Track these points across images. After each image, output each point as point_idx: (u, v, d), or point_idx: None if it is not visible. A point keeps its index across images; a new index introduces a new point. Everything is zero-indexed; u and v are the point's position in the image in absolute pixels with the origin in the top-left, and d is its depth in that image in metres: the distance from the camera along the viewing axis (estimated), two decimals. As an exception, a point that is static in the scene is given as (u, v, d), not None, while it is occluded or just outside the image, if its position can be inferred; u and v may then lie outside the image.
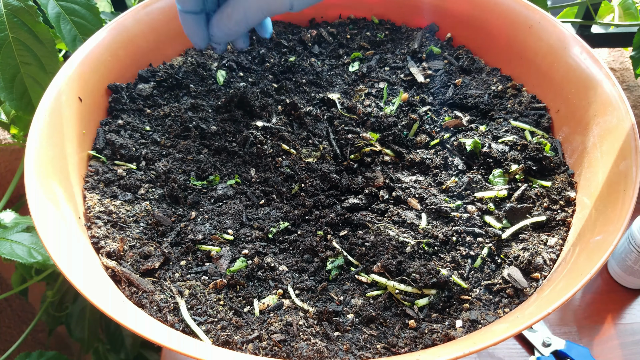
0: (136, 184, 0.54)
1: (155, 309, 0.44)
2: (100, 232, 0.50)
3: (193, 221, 0.52)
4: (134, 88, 0.63)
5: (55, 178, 0.50)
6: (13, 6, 0.65)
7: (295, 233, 0.52)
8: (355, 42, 0.72)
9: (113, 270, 0.47)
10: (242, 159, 0.59)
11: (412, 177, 0.56)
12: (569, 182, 0.54)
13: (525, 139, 0.58)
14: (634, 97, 0.92)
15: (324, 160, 0.59)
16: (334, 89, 0.67)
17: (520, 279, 0.47)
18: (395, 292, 0.46)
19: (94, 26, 0.70)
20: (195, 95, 0.65)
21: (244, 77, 0.69)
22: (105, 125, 0.59)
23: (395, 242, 0.49)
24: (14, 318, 1.03)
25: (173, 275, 0.48)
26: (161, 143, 0.59)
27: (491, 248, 0.49)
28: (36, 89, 0.68)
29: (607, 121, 0.52)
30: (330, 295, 0.47)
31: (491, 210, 0.52)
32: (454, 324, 0.44)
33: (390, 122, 0.61)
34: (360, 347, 0.43)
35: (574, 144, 0.56)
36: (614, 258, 0.69)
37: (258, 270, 0.48)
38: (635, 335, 0.65)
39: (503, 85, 0.65)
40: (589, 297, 0.69)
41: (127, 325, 0.38)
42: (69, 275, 0.41)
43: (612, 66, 0.96)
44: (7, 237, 0.69)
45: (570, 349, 0.62)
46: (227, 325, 0.44)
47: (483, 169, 0.56)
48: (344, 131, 0.61)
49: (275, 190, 0.55)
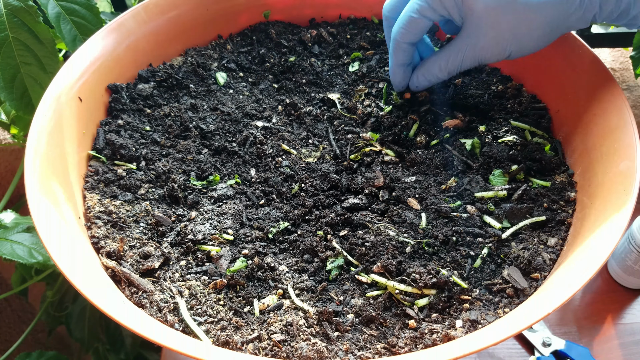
0: (136, 184, 0.54)
1: (155, 309, 0.44)
2: (100, 232, 0.50)
3: (193, 221, 0.52)
4: (134, 88, 0.63)
5: (55, 178, 0.50)
6: (13, 6, 0.65)
7: (295, 233, 0.52)
8: (355, 42, 0.72)
9: (113, 270, 0.47)
10: (242, 159, 0.59)
11: (412, 177, 0.56)
12: (569, 182, 0.54)
13: (525, 139, 0.58)
14: (634, 97, 0.92)
15: (324, 160, 0.59)
16: (334, 89, 0.67)
17: (520, 279, 0.47)
18: (395, 292, 0.46)
19: (94, 26, 0.70)
20: (195, 95, 0.65)
21: (244, 77, 0.69)
22: (105, 125, 0.59)
23: (395, 242, 0.49)
24: (14, 318, 1.03)
25: (173, 275, 0.48)
26: (161, 143, 0.59)
27: (491, 248, 0.49)
28: (36, 89, 0.68)
29: (607, 121, 0.52)
30: (330, 295, 0.47)
31: (491, 210, 0.52)
32: (454, 324, 0.44)
33: (390, 122, 0.61)
34: (360, 347, 0.43)
35: (574, 144, 0.56)
36: (614, 258, 0.69)
37: (258, 270, 0.48)
38: (635, 335, 0.65)
39: (503, 85, 0.65)
40: (589, 297, 0.69)
41: (127, 325, 0.38)
42: (69, 275, 0.41)
43: (612, 66, 0.96)
44: (7, 238, 0.69)
45: (570, 349, 0.62)
46: (227, 325, 0.44)
47: (483, 169, 0.56)
48: (344, 131, 0.61)
49: (275, 190, 0.55)
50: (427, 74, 0.58)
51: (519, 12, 0.51)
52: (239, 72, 0.69)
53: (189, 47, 0.70)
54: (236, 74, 0.69)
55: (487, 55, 0.54)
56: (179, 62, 0.68)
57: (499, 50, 0.53)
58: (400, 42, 0.56)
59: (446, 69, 0.57)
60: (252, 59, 0.71)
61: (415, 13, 0.54)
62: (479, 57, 0.55)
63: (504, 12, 0.51)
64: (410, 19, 0.54)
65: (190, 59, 0.68)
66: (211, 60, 0.69)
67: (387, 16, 0.59)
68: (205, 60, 0.69)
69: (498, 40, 0.53)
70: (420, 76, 0.59)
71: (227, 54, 0.71)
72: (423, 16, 0.54)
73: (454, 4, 0.52)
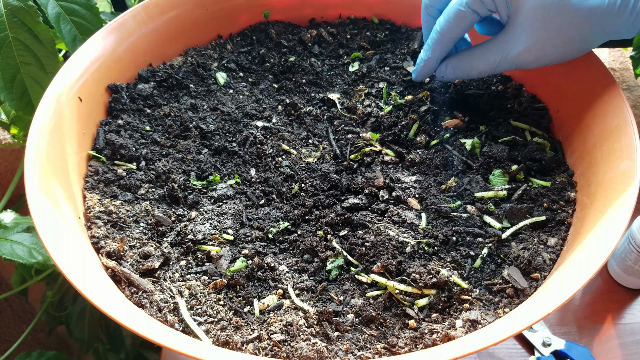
0: (136, 184, 0.54)
1: (155, 309, 0.44)
2: (100, 232, 0.50)
3: (193, 221, 0.52)
4: (134, 88, 0.63)
5: (55, 178, 0.50)
6: (13, 6, 0.65)
7: (295, 233, 0.52)
8: (355, 42, 0.72)
9: (113, 270, 0.47)
10: (242, 159, 0.59)
11: (412, 177, 0.56)
12: (569, 182, 0.54)
13: (525, 139, 0.58)
14: (634, 97, 0.92)
15: (324, 160, 0.59)
16: (334, 89, 0.67)
17: (520, 279, 0.47)
18: (395, 292, 0.46)
19: (94, 26, 0.70)
20: (195, 95, 0.65)
21: (244, 77, 0.69)
22: (105, 125, 0.59)
23: (395, 242, 0.49)
24: (14, 318, 1.03)
25: (173, 275, 0.48)
26: (161, 143, 0.59)
27: (491, 248, 0.49)
28: (36, 89, 0.68)
29: (607, 121, 0.52)
30: (330, 295, 0.47)
31: (491, 210, 0.52)
32: (454, 324, 0.44)
33: (390, 122, 0.61)
34: (360, 347, 0.43)
35: (574, 144, 0.56)
36: (614, 258, 0.69)
37: (258, 270, 0.48)
38: (635, 335, 0.65)
39: (503, 85, 0.65)
40: (589, 297, 0.69)
41: (127, 325, 0.38)
42: (69, 276, 0.41)
43: (612, 66, 0.96)
44: (7, 238, 0.69)
45: (570, 349, 0.61)
46: (227, 325, 0.44)
47: (483, 169, 0.56)
48: (344, 131, 0.61)
49: (275, 190, 0.55)
50: (457, 69, 0.57)
51: (570, 15, 0.48)
52: (239, 72, 0.69)
53: (189, 47, 0.70)
54: (236, 74, 0.69)
55: (528, 59, 0.52)
56: (179, 62, 0.68)
57: (543, 54, 0.51)
58: (445, 35, 0.54)
59: (478, 68, 0.55)
60: (252, 59, 0.71)
61: (464, 6, 0.52)
62: (519, 61, 0.52)
63: (554, 13, 0.49)
64: (459, 13, 0.52)
65: (190, 59, 0.68)
66: (211, 60, 0.69)
67: (428, 4, 0.57)
68: (205, 60, 0.69)
69: (544, 43, 0.50)
70: (450, 68, 0.57)
71: (227, 54, 0.71)
72: (472, 10, 0.52)
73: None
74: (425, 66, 0.58)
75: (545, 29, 0.50)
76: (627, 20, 0.49)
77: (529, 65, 0.53)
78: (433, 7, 0.57)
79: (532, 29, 0.50)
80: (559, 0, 0.48)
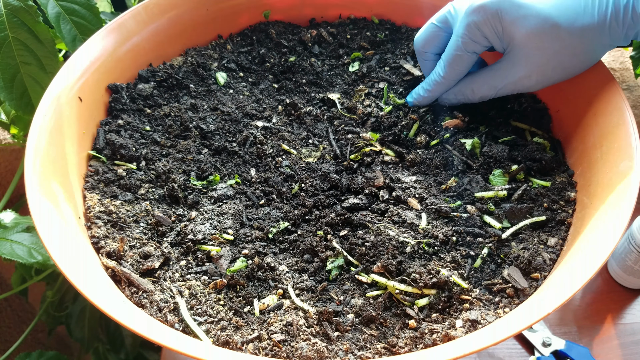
0: (136, 184, 0.54)
1: (155, 309, 0.44)
2: (100, 232, 0.50)
3: (193, 221, 0.52)
4: (134, 88, 0.63)
5: (55, 178, 0.50)
6: (13, 6, 0.65)
7: (295, 233, 0.52)
8: (355, 42, 0.72)
9: (113, 270, 0.47)
10: (242, 159, 0.59)
11: (412, 177, 0.56)
12: (569, 182, 0.54)
13: (525, 139, 0.58)
14: (634, 97, 0.92)
15: (324, 160, 0.59)
16: (334, 89, 0.67)
17: (520, 279, 0.47)
18: (395, 292, 0.46)
19: (94, 26, 0.70)
20: (195, 95, 0.65)
21: (244, 77, 0.69)
22: (105, 125, 0.59)
23: (395, 242, 0.49)
24: (14, 318, 1.03)
25: (173, 275, 0.48)
26: (161, 143, 0.59)
27: (491, 248, 0.49)
28: (36, 89, 0.68)
29: (607, 121, 0.52)
30: (330, 295, 0.47)
31: (491, 210, 0.52)
32: (454, 324, 0.44)
33: (390, 122, 0.61)
34: (360, 347, 0.43)
35: (574, 144, 0.56)
36: (614, 258, 0.69)
37: (258, 270, 0.48)
38: (635, 335, 0.65)
39: (503, 85, 0.65)
40: (589, 297, 0.69)
41: (127, 325, 0.38)
42: (69, 275, 0.41)
43: (612, 66, 0.96)
44: (7, 237, 0.69)
45: (570, 349, 0.61)
46: (227, 325, 0.44)
47: (483, 169, 0.56)
48: (344, 131, 0.61)
49: (275, 190, 0.55)
50: (459, 94, 0.58)
51: (564, 39, 0.50)
52: (239, 72, 0.69)
53: (189, 47, 0.70)
54: (236, 74, 0.69)
55: (529, 84, 0.54)
56: (179, 62, 0.68)
57: (543, 77, 0.53)
58: (448, 79, 0.57)
59: (479, 93, 0.57)
60: (252, 59, 0.71)
61: (460, 51, 0.54)
62: (520, 86, 0.54)
63: (548, 40, 0.50)
64: (458, 58, 0.54)
65: (190, 59, 0.68)
66: (211, 60, 0.69)
67: (421, 51, 0.59)
68: (205, 60, 0.69)
69: (544, 67, 0.52)
70: (452, 94, 0.59)
71: (227, 54, 0.71)
72: (468, 52, 0.54)
73: (494, 32, 0.52)
74: (423, 101, 0.60)
75: (542, 55, 0.51)
76: (620, 33, 0.50)
77: (531, 88, 0.54)
78: (427, 52, 0.59)
79: (530, 57, 0.52)
80: (551, 27, 0.50)
